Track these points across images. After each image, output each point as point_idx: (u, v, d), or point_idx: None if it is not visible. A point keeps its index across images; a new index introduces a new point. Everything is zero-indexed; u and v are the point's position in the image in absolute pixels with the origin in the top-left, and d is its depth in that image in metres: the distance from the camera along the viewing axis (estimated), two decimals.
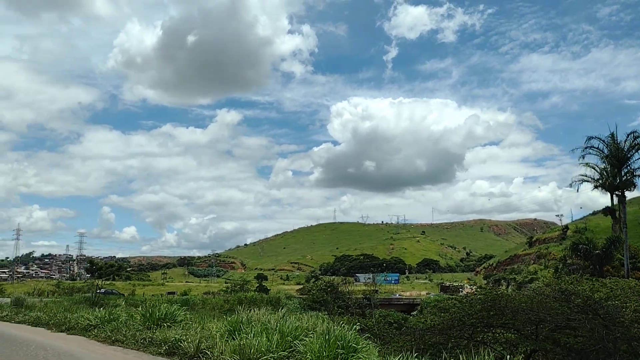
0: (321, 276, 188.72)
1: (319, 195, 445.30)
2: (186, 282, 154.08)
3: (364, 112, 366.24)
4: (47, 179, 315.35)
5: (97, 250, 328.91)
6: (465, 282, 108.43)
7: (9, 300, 24.33)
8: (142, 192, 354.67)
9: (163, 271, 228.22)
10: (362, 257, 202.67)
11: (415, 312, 57.69)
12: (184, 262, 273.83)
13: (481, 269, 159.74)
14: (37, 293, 79.23)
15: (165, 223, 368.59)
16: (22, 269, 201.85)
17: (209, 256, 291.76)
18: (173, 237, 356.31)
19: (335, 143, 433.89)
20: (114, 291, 67.94)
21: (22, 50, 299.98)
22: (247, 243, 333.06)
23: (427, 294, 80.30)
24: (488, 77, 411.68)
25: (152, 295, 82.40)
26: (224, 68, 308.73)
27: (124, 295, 58.68)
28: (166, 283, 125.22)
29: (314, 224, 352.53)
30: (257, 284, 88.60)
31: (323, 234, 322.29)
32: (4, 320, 17.94)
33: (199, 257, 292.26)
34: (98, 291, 39.95)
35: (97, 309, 16.56)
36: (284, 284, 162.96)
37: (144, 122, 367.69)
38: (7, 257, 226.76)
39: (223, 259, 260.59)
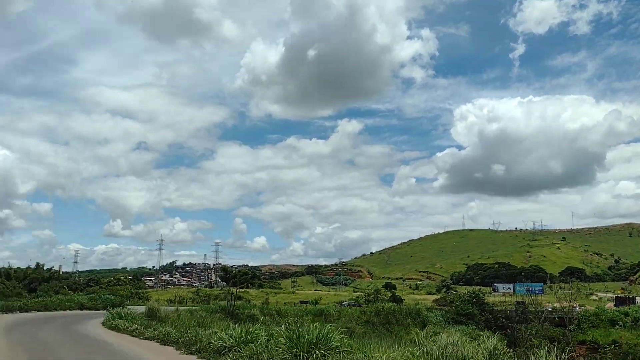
0: (453, 286, 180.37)
1: (445, 202, 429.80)
2: (315, 290, 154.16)
3: (490, 114, 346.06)
4: (186, 193, 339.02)
5: (232, 259, 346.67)
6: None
7: (142, 309, 22.51)
8: (270, 203, 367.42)
9: (292, 279, 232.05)
10: (496, 265, 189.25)
11: (572, 327, 49.90)
12: (312, 270, 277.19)
13: (637, 278, 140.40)
14: (178, 300, 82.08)
15: (292, 233, 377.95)
16: (166, 277, 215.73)
17: (336, 265, 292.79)
18: (300, 246, 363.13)
19: (459, 147, 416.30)
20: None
21: (161, 76, 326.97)
22: (373, 251, 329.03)
23: (580, 306, 70.33)
24: (629, 69, 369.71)
25: (285, 303, 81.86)
26: (344, 79, 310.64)
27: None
28: (296, 291, 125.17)
29: (441, 231, 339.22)
30: (390, 294, 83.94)
31: (451, 242, 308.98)
32: (133, 335, 15.71)
33: (325, 266, 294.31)
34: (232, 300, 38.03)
35: (231, 325, 13.31)
36: (413, 293, 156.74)
37: (270, 136, 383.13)
38: (153, 266, 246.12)
39: (349, 268, 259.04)
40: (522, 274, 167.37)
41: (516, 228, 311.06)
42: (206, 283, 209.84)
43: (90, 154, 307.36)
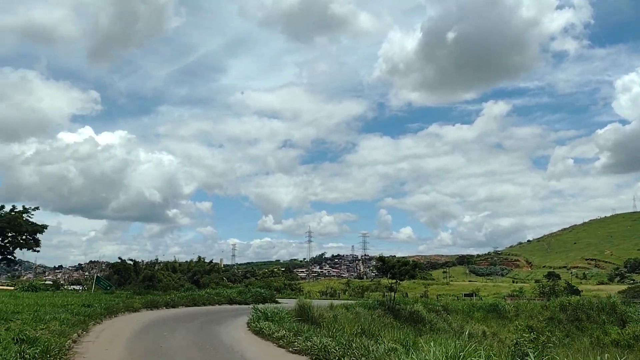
0: (629, 274, 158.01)
1: (609, 183, 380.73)
2: (469, 281, 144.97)
3: None
4: (331, 187, 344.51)
5: (378, 250, 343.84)
6: None
7: (293, 304, 18.98)
8: (414, 193, 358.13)
9: (443, 270, 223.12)
10: None
11: None
12: (463, 260, 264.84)
13: None
14: (329, 292, 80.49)
15: (439, 222, 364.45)
16: (316, 269, 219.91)
17: (489, 254, 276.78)
18: (448, 235, 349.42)
19: (623, 122, 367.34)
20: None
21: (301, 75, 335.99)
22: (530, 239, 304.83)
23: None
24: None
25: (438, 295, 76.01)
26: (487, 59, 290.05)
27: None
28: (450, 282, 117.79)
29: (608, 215, 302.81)
30: (564, 285, 73.65)
31: (621, 226, 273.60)
32: (280, 345, 12.10)
33: (478, 255, 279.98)
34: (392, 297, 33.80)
35: (410, 337, 8.71)
36: (581, 283, 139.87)
37: (410, 125, 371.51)
38: (304, 258, 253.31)
39: (505, 257, 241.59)
40: None
41: None
42: (355, 274, 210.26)
43: (242, 154, 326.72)
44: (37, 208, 51.84)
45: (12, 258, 50.58)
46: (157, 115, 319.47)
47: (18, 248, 48.28)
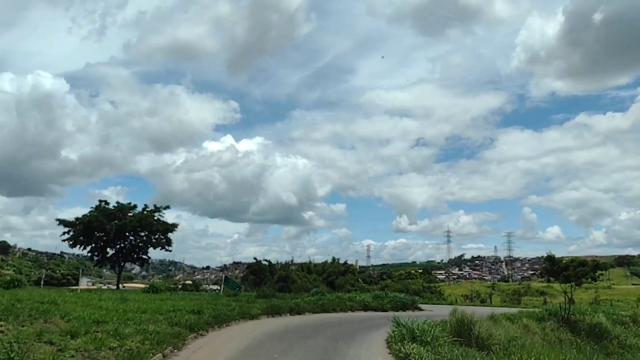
0: None
1: None
2: (632, 284, 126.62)
3: None
4: (468, 185, 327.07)
5: (522, 251, 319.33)
6: None
7: (438, 312, 14.26)
8: (562, 189, 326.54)
9: (599, 272, 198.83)
10: None
11: None
12: (623, 261, 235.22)
13: None
14: (474, 296, 73.38)
15: (591, 220, 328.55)
16: (455, 271, 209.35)
17: None
18: (601, 234, 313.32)
19: None
20: None
21: (433, 70, 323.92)
22: None
23: None
24: None
25: (598, 301, 65.08)
26: None
27: None
28: (612, 286, 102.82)
29: None
30: None
31: None
32: None
33: (639, 256, 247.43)
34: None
35: None
36: None
37: (554, 116, 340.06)
38: (442, 260, 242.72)
39: None
40: None
41: None
42: (499, 277, 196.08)
43: (374, 154, 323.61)
44: (167, 207, 53.25)
45: (146, 257, 51.99)
46: (290, 120, 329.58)
47: (151, 247, 49.85)
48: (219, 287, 57.07)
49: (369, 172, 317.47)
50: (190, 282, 68.02)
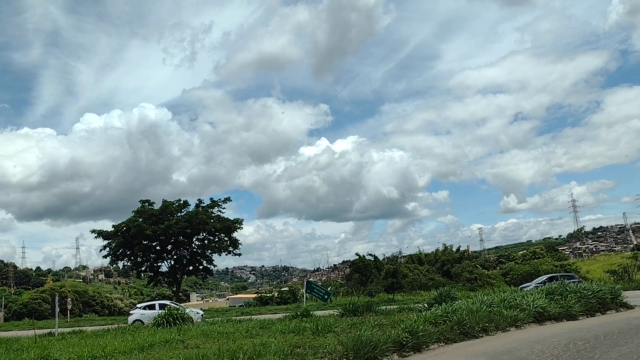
0: None
1: None
2: None
3: None
4: (577, 154, 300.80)
5: None
6: None
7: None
8: None
9: None
10: None
11: None
12: None
13: None
14: (621, 272, 61.34)
15: None
16: (576, 245, 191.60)
17: None
18: None
19: None
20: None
21: (523, 40, 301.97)
22: None
23: None
24: None
25: None
26: None
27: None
28: None
29: None
30: None
31: None
32: None
33: None
34: None
35: None
36: None
37: None
38: (560, 235, 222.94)
39: None
40: None
41: None
42: (633, 246, 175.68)
43: (471, 137, 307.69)
44: (228, 199, 43.18)
45: (210, 267, 41.10)
46: (381, 115, 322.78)
47: (215, 253, 39.62)
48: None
49: (469, 155, 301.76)
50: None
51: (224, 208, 41.77)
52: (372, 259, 51.61)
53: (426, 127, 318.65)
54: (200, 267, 40.75)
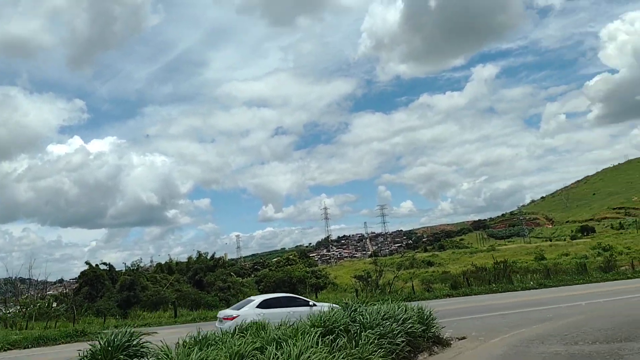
0: None
1: (602, 134, 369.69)
2: (489, 247, 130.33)
3: None
4: (328, 169, 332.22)
5: (380, 227, 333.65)
6: None
7: None
8: (412, 166, 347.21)
9: (460, 237, 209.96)
10: None
11: None
12: (479, 225, 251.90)
13: None
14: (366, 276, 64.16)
15: (438, 192, 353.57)
16: (324, 252, 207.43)
17: (504, 216, 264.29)
18: (448, 205, 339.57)
19: (612, 71, 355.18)
20: None
21: (287, 59, 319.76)
22: (544, 196, 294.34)
23: None
24: None
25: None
26: (472, 22, 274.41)
27: None
28: (496, 247, 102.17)
29: (622, 162, 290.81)
30: None
31: (639, 171, 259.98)
32: None
33: (491, 219, 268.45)
34: None
35: None
36: (621, 233, 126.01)
37: (401, 98, 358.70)
38: (310, 243, 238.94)
39: (521, 217, 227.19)
40: None
41: None
42: (370, 252, 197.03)
43: (236, 146, 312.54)
44: None
45: None
46: (144, 117, 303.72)
47: None
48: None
49: (232, 164, 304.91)
50: None
51: None
52: (107, 269, 42.89)
53: (191, 133, 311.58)
54: None
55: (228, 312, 17.66)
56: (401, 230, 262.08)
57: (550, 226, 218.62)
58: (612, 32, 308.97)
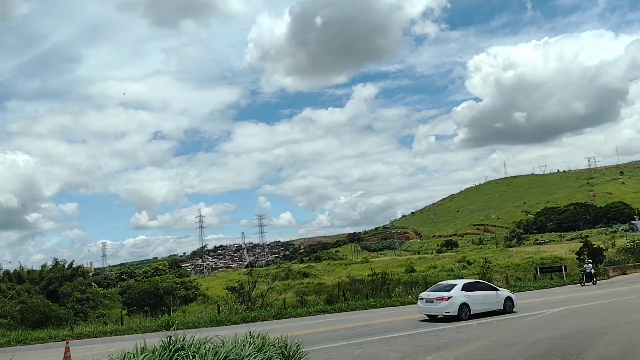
0: (525, 235, 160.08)
1: (466, 157, 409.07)
2: (365, 258, 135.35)
3: (505, 61, 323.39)
4: (208, 178, 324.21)
5: (257, 238, 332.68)
6: None
7: None
8: (292, 178, 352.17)
9: (335, 249, 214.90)
10: (572, 207, 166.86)
11: None
12: (354, 238, 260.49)
13: None
14: (239, 287, 62.33)
15: (316, 205, 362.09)
16: (200, 262, 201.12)
17: (377, 229, 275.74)
18: (325, 217, 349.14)
19: (476, 99, 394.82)
20: None
21: (169, 62, 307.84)
22: (405, 214, 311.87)
23: None
24: None
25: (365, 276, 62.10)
26: (354, 43, 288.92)
27: None
28: (370, 259, 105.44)
29: (482, 182, 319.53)
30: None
31: (496, 191, 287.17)
32: None
33: (365, 232, 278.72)
34: None
35: None
36: (480, 248, 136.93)
37: (284, 110, 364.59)
38: (184, 253, 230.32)
39: (392, 231, 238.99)
40: (613, 212, 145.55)
41: (566, 170, 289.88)
42: (246, 263, 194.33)
43: (109, 149, 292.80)
44: None
45: None
46: (5, 112, 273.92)
47: None
48: None
49: (104, 167, 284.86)
50: None
51: None
52: None
53: (60, 132, 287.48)
54: None
55: (438, 294, 19.33)
56: (279, 241, 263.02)
57: (419, 240, 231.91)
58: (478, 64, 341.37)
